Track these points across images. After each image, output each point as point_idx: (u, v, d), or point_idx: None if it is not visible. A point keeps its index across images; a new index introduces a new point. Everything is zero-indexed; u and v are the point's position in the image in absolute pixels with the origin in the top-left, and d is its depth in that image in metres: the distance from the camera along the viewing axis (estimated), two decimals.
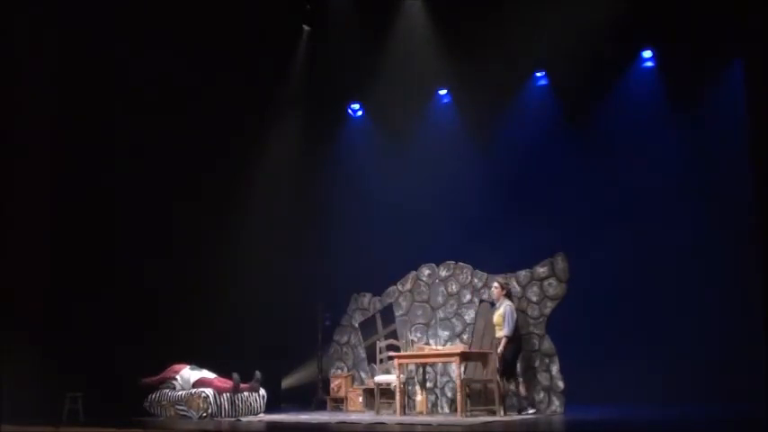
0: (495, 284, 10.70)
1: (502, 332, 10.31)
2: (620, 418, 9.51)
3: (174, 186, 11.61)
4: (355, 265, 12.86)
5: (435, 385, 11.43)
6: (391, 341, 11.61)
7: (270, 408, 11.09)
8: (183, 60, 11.52)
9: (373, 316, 12.27)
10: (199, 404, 10.33)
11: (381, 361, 11.43)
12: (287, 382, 13.29)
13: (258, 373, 10.76)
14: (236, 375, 10.47)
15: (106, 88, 11.02)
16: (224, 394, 10.44)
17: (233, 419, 10.25)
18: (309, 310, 12.62)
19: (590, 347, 11.18)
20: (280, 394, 12.74)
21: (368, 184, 13.33)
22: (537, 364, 10.79)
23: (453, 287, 11.57)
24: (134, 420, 9.76)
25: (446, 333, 11.48)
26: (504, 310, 10.38)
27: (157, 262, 11.39)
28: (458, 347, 10.39)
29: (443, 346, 11.15)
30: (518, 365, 10.53)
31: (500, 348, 10.25)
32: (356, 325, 12.36)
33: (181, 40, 11.37)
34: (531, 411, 10.26)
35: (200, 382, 10.56)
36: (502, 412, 10.06)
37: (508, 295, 10.63)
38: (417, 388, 11.05)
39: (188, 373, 10.69)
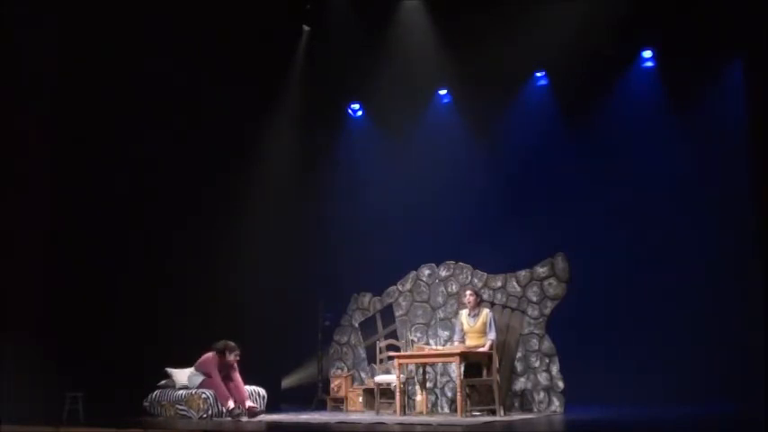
0: (470, 292, 10.66)
1: (486, 338, 10.34)
2: (620, 418, 9.50)
3: (174, 186, 11.61)
4: (355, 265, 12.88)
5: (435, 385, 11.44)
6: (391, 341, 11.62)
7: (270, 408, 11.08)
8: (183, 60, 11.52)
9: (373, 316, 12.28)
10: (199, 404, 10.32)
11: (381, 361, 11.43)
12: (287, 382, 13.29)
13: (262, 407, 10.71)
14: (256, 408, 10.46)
15: (105, 88, 11.01)
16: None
17: (233, 419, 10.24)
18: (309, 310, 12.62)
19: (590, 347, 11.17)
20: (280, 394, 12.74)
21: (368, 184, 13.34)
22: (537, 364, 10.80)
23: (453, 287, 11.58)
24: (134, 420, 9.75)
25: (446, 333, 11.48)
26: (487, 317, 10.44)
27: (158, 262, 11.41)
28: (458, 347, 10.38)
29: (443, 346, 11.15)
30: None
31: (487, 349, 10.27)
32: (356, 325, 12.36)
33: (180, 39, 11.36)
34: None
35: (204, 384, 10.52)
36: (502, 412, 10.07)
37: (481, 302, 10.72)
38: (417, 388, 11.04)
39: (195, 375, 10.65)
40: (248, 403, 10.35)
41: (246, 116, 12.59)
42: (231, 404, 10.25)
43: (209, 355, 10.52)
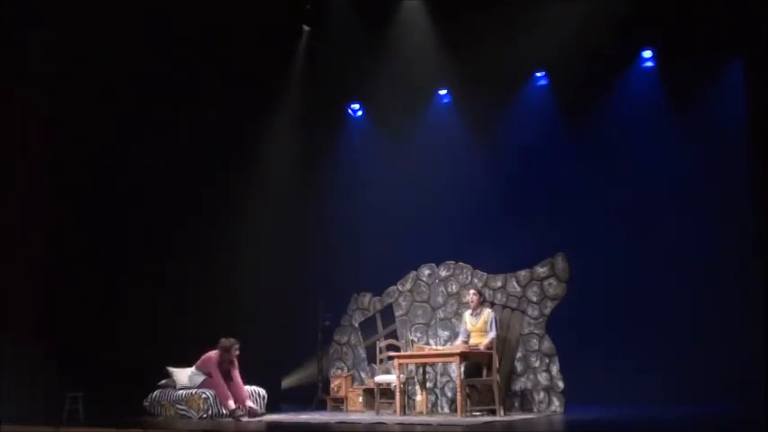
0: (473, 292, 10.66)
1: (487, 336, 10.32)
2: (620, 418, 9.51)
3: (174, 186, 11.61)
4: (355, 265, 12.88)
5: (435, 385, 11.44)
6: (391, 341, 11.62)
7: (270, 408, 11.08)
8: (183, 60, 11.51)
9: (373, 316, 12.28)
10: (199, 404, 10.32)
11: (381, 361, 11.43)
12: (287, 382, 13.29)
13: (262, 407, 10.71)
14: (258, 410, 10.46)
15: (105, 88, 11.00)
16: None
17: (233, 419, 10.24)
18: (309, 310, 12.62)
19: (590, 347, 11.16)
20: (280, 394, 12.74)
21: (368, 184, 13.34)
22: (537, 364, 10.80)
23: (453, 287, 11.58)
24: (134, 420, 9.75)
25: (446, 333, 11.48)
26: (488, 316, 10.44)
27: (157, 262, 11.40)
28: (458, 347, 10.38)
29: (443, 346, 11.14)
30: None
31: (484, 348, 10.25)
32: (356, 325, 12.36)
33: (180, 39, 11.36)
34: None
35: (205, 383, 10.52)
36: (502, 412, 10.07)
37: (484, 302, 10.72)
38: (417, 388, 11.04)
39: (196, 374, 10.65)
40: (248, 403, 10.35)
41: (246, 116, 12.59)
42: (232, 404, 10.25)
43: (211, 354, 10.53)
